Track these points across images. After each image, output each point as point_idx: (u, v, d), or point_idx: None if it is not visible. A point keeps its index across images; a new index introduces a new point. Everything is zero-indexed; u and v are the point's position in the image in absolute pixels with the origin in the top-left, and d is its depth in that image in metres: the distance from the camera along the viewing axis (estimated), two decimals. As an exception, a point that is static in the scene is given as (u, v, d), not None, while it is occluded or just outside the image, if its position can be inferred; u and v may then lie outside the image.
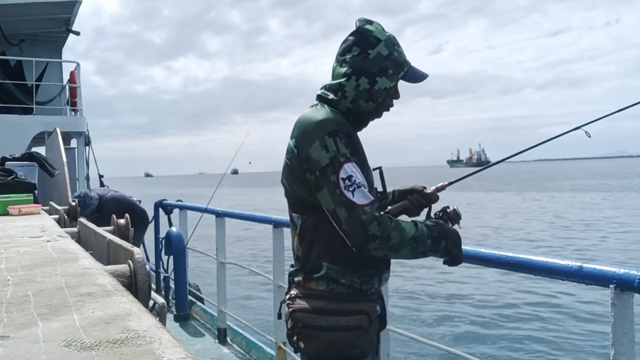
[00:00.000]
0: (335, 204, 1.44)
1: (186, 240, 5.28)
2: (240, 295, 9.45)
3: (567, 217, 21.99)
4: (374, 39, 1.59)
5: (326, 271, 1.52)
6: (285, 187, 1.62)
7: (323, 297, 1.52)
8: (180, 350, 0.64)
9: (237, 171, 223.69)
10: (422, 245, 1.49)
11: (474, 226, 18.84)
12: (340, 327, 1.49)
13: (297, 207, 1.60)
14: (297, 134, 1.53)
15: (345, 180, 1.44)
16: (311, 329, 1.51)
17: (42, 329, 0.76)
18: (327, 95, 1.61)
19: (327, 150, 1.45)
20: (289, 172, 1.57)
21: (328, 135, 1.47)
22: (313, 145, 1.47)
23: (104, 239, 1.62)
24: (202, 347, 4.42)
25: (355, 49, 1.58)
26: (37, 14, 9.65)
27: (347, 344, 1.50)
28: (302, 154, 1.50)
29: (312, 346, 1.51)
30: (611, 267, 1.45)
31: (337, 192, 1.44)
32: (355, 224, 1.42)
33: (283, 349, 3.45)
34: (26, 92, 9.44)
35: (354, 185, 1.44)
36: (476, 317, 8.08)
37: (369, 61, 1.57)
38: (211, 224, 4.72)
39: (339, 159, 1.45)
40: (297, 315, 1.53)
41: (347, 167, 1.45)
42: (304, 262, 1.57)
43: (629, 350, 1.42)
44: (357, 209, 1.42)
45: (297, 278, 1.60)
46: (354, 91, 1.58)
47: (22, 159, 5.01)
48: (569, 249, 14.18)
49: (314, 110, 1.58)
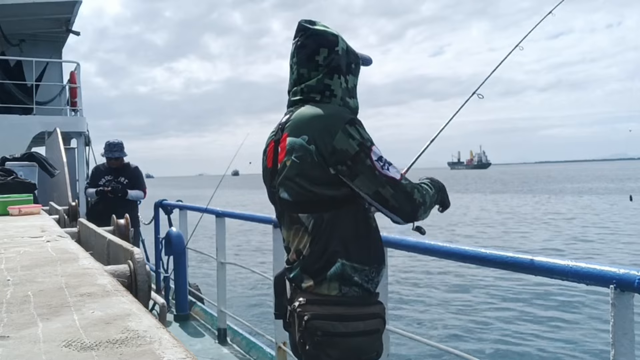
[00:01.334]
0: (377, 184, 1.49)
1: (186, 240, 5.28)
2: (240, 295, 9.45)
3: (573, 219, 21.99)
4: (332, 36, 1.63)
5: (340, 267, 1.50)
6: (290, 188, 1.56)
7: (337, 303, 1.50)
8: (180, 350, 0.64)
9: (237, 172, 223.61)
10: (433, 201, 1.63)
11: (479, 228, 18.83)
12: (360, 332, 1.49)
13: (307, 206, 1.54)
14: (311, 131, 1.51)
15: (379, 161, 1.49)
16: (331, 336, 1.47)
17: (42, 329, 0.76)
18: (314, 97, 1.60)
19: (353, 138, 1.49)
20: (299, 170, 1.52)
21: (349, 125, 1.50)
22: (337, 136, 1.48)
23: (104, 239, 1.62)
24: (202, 347, 4.42)
25: (323, 50, 1.60)
26: (37, 14, 9.65)
27: (366, 349, 1.50)
28: (326, 147, 1.48)
29: (332, 354, 1.47)
30: (611, 267, 1.45)
31: (376, 173, 1.48)
32: (402, 197, 1.50)
33: (283, 349, 3.45)
34: (26, 92, 9.43)
35: (387, 164, 1.51)
36: (476, 317, 8.08)
37: (339, 58, 1.61)
38: (211, 224, 4.72)
39: (366, 143, 1.50)
40: (315, 323, 1.48)
41: (375, 149, 1.51)
42: (314, 261, 1.53)
43: (629, 350, 1.41)
44: (399, 184, 1.50)
45: (304, 283, 1.55)
46: (340, 89, 1.61)
47: (22, 159, 5.01)
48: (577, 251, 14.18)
49: (313, 107, 1.57)
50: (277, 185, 1.61)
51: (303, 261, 1.56)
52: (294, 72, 1.64)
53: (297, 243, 1.58)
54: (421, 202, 1.54)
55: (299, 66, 1.62)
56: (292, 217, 1.59)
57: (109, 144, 5.50)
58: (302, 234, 1.57)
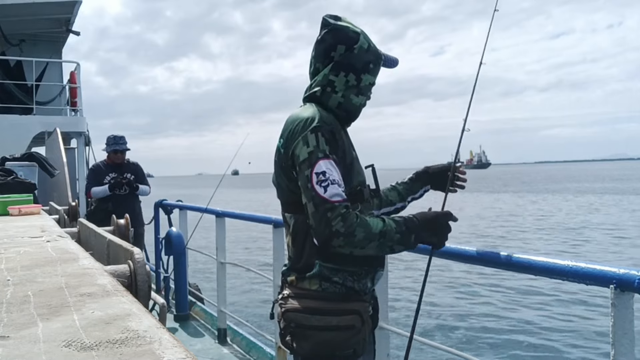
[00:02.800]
0: (306, 197, 1.46)
1: (186, 240, 5.28)
2: (240, 295, 9.45)
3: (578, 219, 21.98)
4: (353, 34, 1.62)
5: (319, 269, 1.53)
6: (277, 187, 1.63)
7: (315, 297, 1.53)
8: (180, 351, 0.64)
9: (237, 172, 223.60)
10: (389, 240, 1.47)
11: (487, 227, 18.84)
12: (333, 327, 1.49)
13: (288, 206, 1.61)
14: (284, 133, 1.56)
15: (319, 175, 1.44)
16: (304, 328, 1.51)
17: (42, 329, 0.76)
18: (316, 91, 1.61)
19: (308, 146, 1.47)
20: (280, 171, 1.59)
21: (310, 132, 1.48)
22: (297, 141, 1.49)
23: (104, 239, 1.62)
24: (202, 347, 4.42)
25: (340, 47, 1.60)
26: (37, 14, 9.65)
27: (339, 344, 1.50)
28: (288, 151, 1.52)
29: (304, 346, 1.51)
30: (611, 267, 1.45)
31: (308, 186, 1.45)
32: (320, 219, 1.42)
33: (283, 349, 3.45)
34: (26, 92, 9.44)
35: (327, 182, 1.44)
36: (476, 317, 8.08)
37: (354, 56, 1.60)
38: (211, 224, 4.72)
39: (317, 154, 1.46)
40: (290, 315, 1.53)
41: (322, 163, 1.45)
42: (296, 261, 1.58)
43: (629, 350, 1.42)
44: (324, 205, 1.42)
45: (289, 278, 1.60)
46: (344, 86, 1.60)
47: (22, 159, 5.01)
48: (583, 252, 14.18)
49: (302, 109, 1.60)
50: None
51: (290, 259, 1.63)
52: (311, 66, 1.66)
53: (287, 241, 1.66)
54: (342, 232, 1.40)
55: (315, 60, 1.64)
56: (283, 215, 1.66)
57: (115, 137, 5.32)
58: (287, 232, 1.64)
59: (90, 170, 5.47)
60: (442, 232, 1.56)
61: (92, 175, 5.40)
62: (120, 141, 5.30)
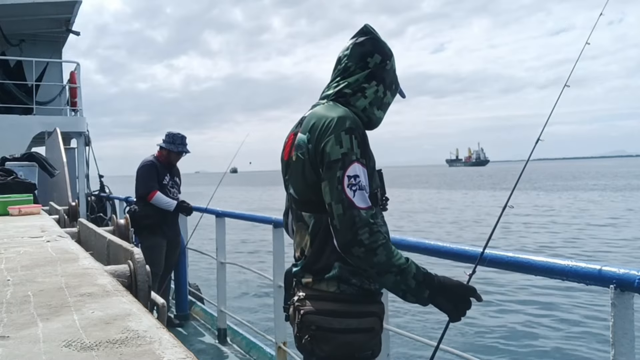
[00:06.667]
0: (332, 198, 1.44)
1: (186, 240, 5.28)
2: (240, 295, 9.44)
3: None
4: (389, 51, 1.66)
5: (338, 271, 1.51)
6: (295, 184, 1.59)
7: (334, 299, 1.51)
8: (180, 351, 0.64)
9: (236, 170, 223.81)
10: (404, 282, 1.44)
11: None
12: (353, 329, 1.49)
13: (309, 205, 1.56)
14: (312, 129, 1.52)
15: (351, 179, 1.43)
16: (325, 331, 1.49)
17: (42, 329, 0.76)
18: (346, 92, 1.62)
19: (341, 146, 1.45)
20: (301, 168, 1.54)
21: (345, 132, 1.47)
22: (329, 139, 1.47)
23: (104, 239, 1.62)
24: (202, 347, 4.42)
25: (377, 56, 1.63)
26: (37, 14, 9.66)
27: (360, 346, 1.50)
28: (317, 148, 1.49)
29: (325, 349, 1.49)
30: (611, 267, 1.45)
31: (338, 187, 1.43)
32: (346, 223, 1.41)
33: (283, 349, 3.45)
34: (26, 92, 9.44)
35: (357, 186, 1.43)
36: (476, 317, 8.08)
37: (386, 71, 1.64)
38: (211, 224, 4.72)
39: (351, 156, 1.45)
40: (310, 317, 1.51)
41: (355, 166, 1.45)
42: (314, 262, 1.55)
43: (629, 350, 1.42)
44: (353, 209, 1.41)
45: (304, 279, 1.57)
46: (374, 95, 1.62)
47: (22, 159, 5.01)
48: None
49: (330, 107, 1.58)
50: (287, 179, 1.64)
51: (305, 260, 1.59)
52: (342, 64, 1.65)
53: (300, 240, 1.62)
54: (365, 244, 1.39)
55: (348, 59, 1.64)
56: (297, 213, 1.62)
57: (182, 137, 4.77)
58: (304, 232, 1.60)
59: (147, 166, 4.73)
60: (460, 305, 1.51)
61: (152, 173, 4.71)
62: (186, 142, 4.81)
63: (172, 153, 4.77)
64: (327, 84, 1.70)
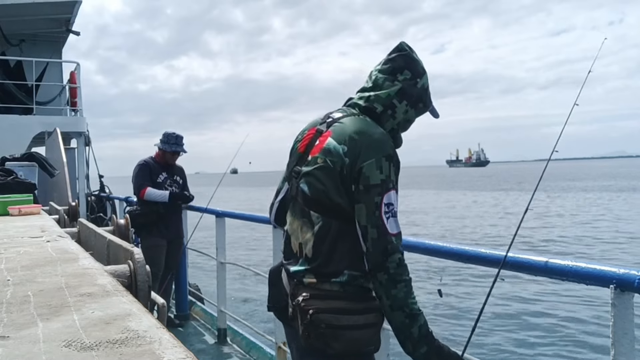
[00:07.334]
0: (369, 222, 1.49)
1: (186, 240, 5.28)
2: (240, 295, 9.45)
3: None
4: (422, 69, 1.68)
5: (347, 278, 1.55)
6: (312, 184, 1.59)
7: (340, 297, 1.55)
8: (180, 351, 0.64)
9: (236, 170, 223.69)
10: (409, 328, 1.50)
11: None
12: (360, 325, 1.53)
13: (319, 206, 1.58)
14: (350, 143, 1.54)
15: (388, 206, 1.50)
16: (335, 329, 1.51)
17: (42, 329, 0.76)
18: (375, 108, 1.64)
19: (381, 172, 1.50)
20: (326, 173, 1.56)
21: (385, 158, 1.52)
22: (369, 161, 1.51)
23: (104, 239, 1.62)
24: (202, 347, 4.42)
25: (407, 72, 1.65)
26: (37, 14, 9.66)
27: (366, 341, 1.54)
28: (355, 164, 1.52)
29: (336, 346, 1.51)
30: (611, 267, 1.45)
31: (376, 213, 1.49)
32: (380, 248, 1.48)
33: (283, 349, 3.45)
34: (26, 92, 9.44)
35: (391, 213, 1.51)
36: (475, 317, 8.08)
37: (416, 90, 1.66)
38: (211, 224, 4.72)
39: (388, 184, 1.51)
40: (320, 316, 1.52)
41: (392, 194, 1.52)
42: (321, 265, 1.57)
43: (629, 350, 1.42)
44: (387, 237, 1.49)
45: (307, 280, 1.58)
46: (403, 115, 1.66)
47: (22, 159, 5.01)
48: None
49: (366, 122, 1.61)
50: (301, 175, 1.63)
51: (307, 261, 1.60)
52: (372, 77, 1.69)
53: (301, 236, 1.63)
54: (391, 272, 1.48)
55: (379, 72, 1.68)
56: (304, 210, 1.62)
57: (177, 136, 4.86)
58: (307, 230, 1.61)
59: (141, 166, 4.84)
60: None
61: (145, 172, 4.82)
62: (182, 142, 4.89)
63: (167, 153, 4.87)
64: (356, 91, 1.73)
